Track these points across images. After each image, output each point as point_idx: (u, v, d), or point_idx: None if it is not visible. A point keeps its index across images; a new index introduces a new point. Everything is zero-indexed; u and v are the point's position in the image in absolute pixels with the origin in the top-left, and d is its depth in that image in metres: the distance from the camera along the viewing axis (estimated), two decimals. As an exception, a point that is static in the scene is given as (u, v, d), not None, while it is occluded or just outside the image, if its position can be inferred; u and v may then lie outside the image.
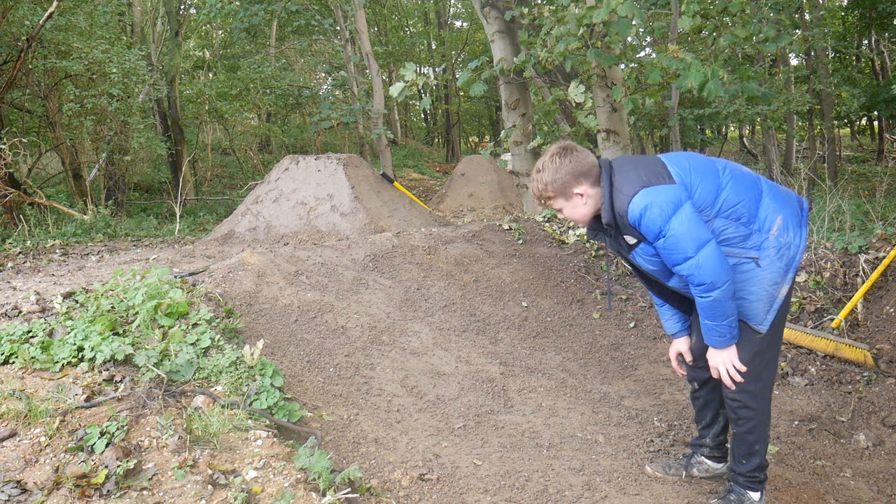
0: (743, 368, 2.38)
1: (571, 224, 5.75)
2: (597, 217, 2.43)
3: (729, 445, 2.79)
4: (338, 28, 13.03)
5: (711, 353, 2.43)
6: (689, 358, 2.67)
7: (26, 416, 2.37)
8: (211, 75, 19.53)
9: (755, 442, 2.47)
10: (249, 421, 2.53)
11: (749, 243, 2.32)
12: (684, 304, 2.63)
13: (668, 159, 2.37)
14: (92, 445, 2.25)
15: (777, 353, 2.48)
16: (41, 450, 2.25)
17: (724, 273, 2.23)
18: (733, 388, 2.42)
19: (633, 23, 5.41)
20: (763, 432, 2.47)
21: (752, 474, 2.50)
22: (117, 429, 2.31)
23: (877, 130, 22.44)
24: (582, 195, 2.35)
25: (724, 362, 2.39)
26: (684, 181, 2.29)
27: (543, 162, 2.36)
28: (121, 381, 2.70)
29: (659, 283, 2.56)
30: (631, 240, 2.35)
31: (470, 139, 32.02)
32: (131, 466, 2.15)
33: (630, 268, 2.66)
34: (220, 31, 20.73)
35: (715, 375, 2.48)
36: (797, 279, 4.65)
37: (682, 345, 2.69)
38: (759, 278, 2.31)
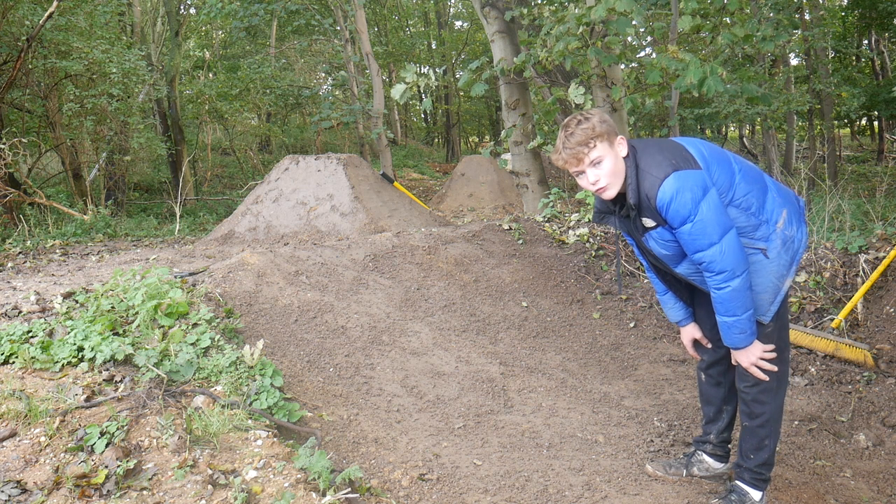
0: (773, 355, 2.36)
1: (571, 224, 5.76)
2: (603, 200, 2.43)
3: (731, 446, 2.80)
4: (338, 28, 13.04)
5: (738, 356, 2.40)
6: (706, 343, 2.67)
7: (26, 416, 2.37)
8: (211, 75, 19.53)
9: (766, 437, 2.46)
10: (249, 421, 2.53)
11: (758, 234, 2.33)
12: (686, 294, 2.64)
13: (687, 143, 2.36)
14: (92, 445, 2.25)
15: (788, 346, 2.49)
16: (41, 450, 2.25)
17: (744, 261, 2.24)
18: (764, 377, 2.40)
19: (633, 22, 5.41)
20: (775, 427, 2.47)
21: (759, 470, 2.50)
22: (117, 429, 2.31)
23: (877, 130, 22.42)
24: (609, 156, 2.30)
25: (754, 360, 2.38)
26: (707, 166, 2.29)
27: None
28: (121, 381, 2.70)
29: (664, 271, 2.56)
30: (649, 223, 2.34)
31: (470, 139, 32.01)
32: (131, 466, 2.15)
33: (638, 254, 2.66)
34: (220, 31, 20.72)
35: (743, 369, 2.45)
36: (797, 279, 4.65)
37: (694, 331, 2.69)
38: (767, 270, 2.33)
